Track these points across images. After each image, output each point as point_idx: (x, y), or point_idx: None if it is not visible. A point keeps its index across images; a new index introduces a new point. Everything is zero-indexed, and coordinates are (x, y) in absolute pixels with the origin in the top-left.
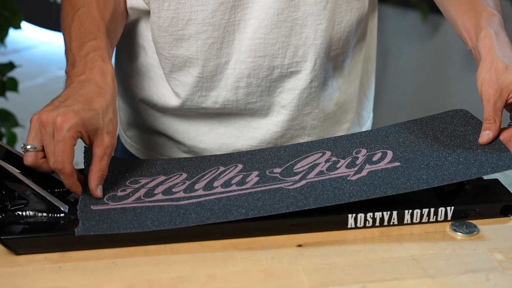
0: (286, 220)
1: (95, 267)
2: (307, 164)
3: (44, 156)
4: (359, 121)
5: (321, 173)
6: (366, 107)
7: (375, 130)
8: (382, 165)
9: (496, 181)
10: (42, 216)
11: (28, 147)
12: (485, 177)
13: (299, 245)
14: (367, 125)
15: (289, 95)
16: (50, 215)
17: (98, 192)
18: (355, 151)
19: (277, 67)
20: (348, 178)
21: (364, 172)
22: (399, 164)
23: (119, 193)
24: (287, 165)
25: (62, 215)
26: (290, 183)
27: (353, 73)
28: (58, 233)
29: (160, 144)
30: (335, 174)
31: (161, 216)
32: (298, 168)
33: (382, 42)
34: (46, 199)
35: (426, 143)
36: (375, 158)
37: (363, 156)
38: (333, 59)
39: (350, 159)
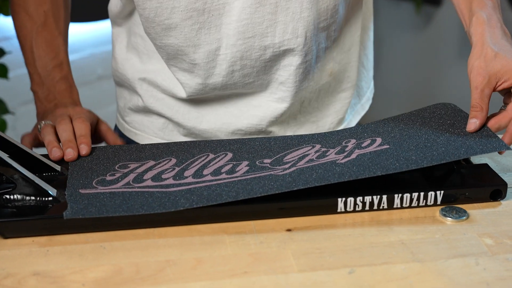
0: (275, 204)
1: (82, 251)
2: (297, 156)
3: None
4: (358, 92)
5: (311, 161)
6: (365, 77)
7: (364, 125)
8: (371, 149)
9: (486, 165)
10: (30, 199)
11: (43, 123)
12: (475, 162)
13: (288, 230)
14: (366, 96)
15: (285, 71)
16: (38, 198)
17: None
18: (344, 141)
19: (268, 46)
20: (338, 162)
21: (353, 156)
22: (388, 146)
23: (108, 178)
24: (277, 156)
25: (50, 198)
26: (280, 171)
27: (348, 43)
28: (46, 217)
29: (160, 127)
30: (324, 160)
31: (151, 202)
32: (288, 159)
33: (375, 32)
34: (34, 182)
35: (414, 128)
36: (364, 144)
37: (353, 144)
38: (324, 30)
39: (339, 148)
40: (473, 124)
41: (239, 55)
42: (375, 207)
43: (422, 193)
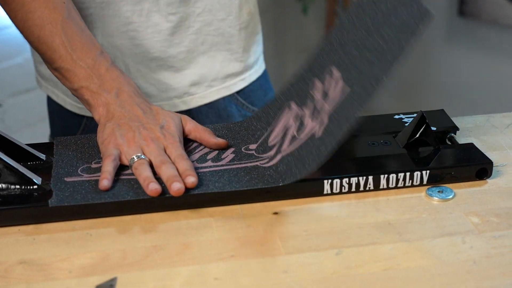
0: (262, 188)
1: (69, 238)
2: (280, 132)
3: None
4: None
5: (293, 139)
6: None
7: (318, 54)
8: (336, 95)
9: (472, 145)
10: (15, 188)
11: (135, 158)
12: (460, 142)
13: (275, 213)
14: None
15: (201, 2)
16: (23, 187)
17: (220, 140)
18: (310, 88)
19: None
20: (316, 136)
21: (325, 119)
22: (349, 89)
23: (93, 165)
24: (262, 139)
25: (35, 187)
26: (265, 160)
27: None
28: (31, 205)
29: None
30: (305, 134)
31: (136, 188)
32: (272, 140)
33: None
34: (18, 171)
35: (362, 46)
36: (330, 91)
37: (319, 92)
38: None
39: (312, 106)
40: None
41: None
42: (361, 188)
43: (408, 174)
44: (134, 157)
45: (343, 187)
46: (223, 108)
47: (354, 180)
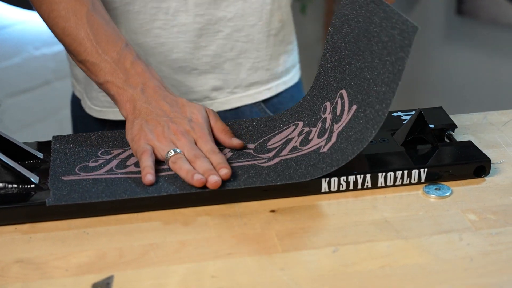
0: (259, 186)
1: (65, 237)
2: (280, 140)
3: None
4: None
5: (294, 149)
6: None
7: (326, 77)
8: (345, 117)
9: (470, 142)
10: (12, 187)
11: (172, 152)
12: (458, 139)
13: (272, 211)
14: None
15: (234, 7)
16: (20, 186)
17: (234, 142)
18: (322, 109)
19: None
20: (321, 151)
21: (334, 137)
22: (355, 106)
23: (91, 164)
24: (261, 141)
25: (32, 186)
26: (263, 160)
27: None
28: (29, 204)
29: None
30: (308, 148)
31: (134, 187)
32: (271, 144)
33: None
34: (16, 170)
35: (364, 69)
36: (338, 112)
37: (329, 113)
38: None
39: (320, 126)
40: None
41: None
42: (359, 186)
43: (406, 172)
44: (172, 151)
45: (340, 185)
46: (247, 117)
47: (351, 178)
